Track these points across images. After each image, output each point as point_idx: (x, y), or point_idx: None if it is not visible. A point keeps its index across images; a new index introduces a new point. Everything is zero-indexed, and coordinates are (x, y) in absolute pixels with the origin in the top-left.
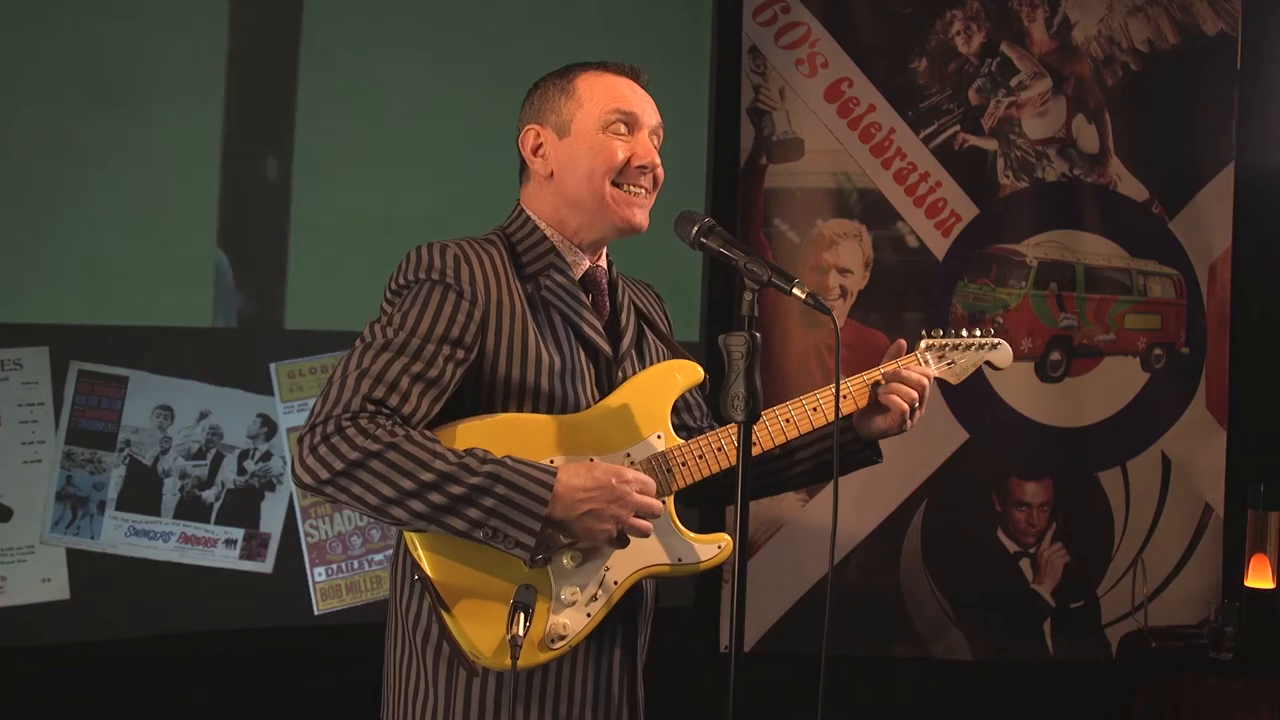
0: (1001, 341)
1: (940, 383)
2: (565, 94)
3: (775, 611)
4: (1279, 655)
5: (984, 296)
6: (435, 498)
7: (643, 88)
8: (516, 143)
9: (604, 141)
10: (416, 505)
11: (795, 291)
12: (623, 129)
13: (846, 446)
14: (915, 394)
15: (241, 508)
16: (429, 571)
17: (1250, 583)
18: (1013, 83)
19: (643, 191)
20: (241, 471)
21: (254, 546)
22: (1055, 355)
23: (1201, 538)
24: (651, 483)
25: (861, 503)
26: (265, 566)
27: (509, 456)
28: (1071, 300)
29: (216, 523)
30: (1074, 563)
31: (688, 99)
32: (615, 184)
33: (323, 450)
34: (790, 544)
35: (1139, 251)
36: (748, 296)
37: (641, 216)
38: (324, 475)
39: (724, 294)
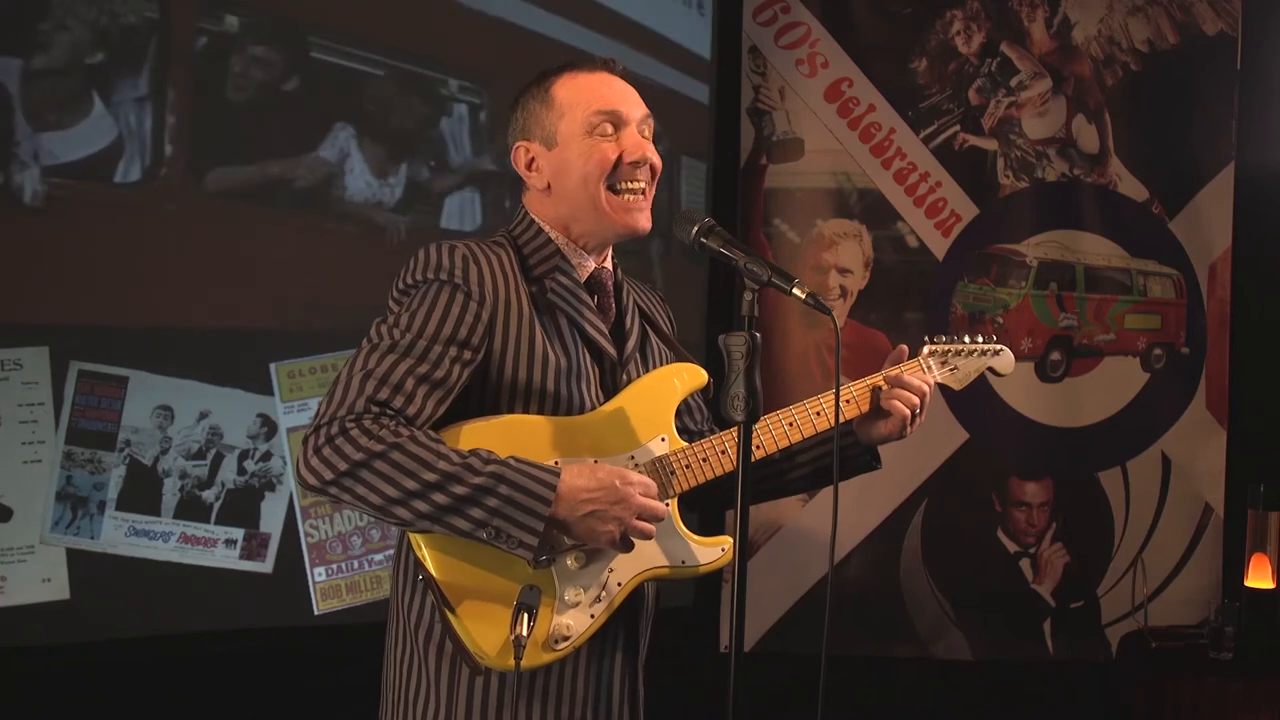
0: (1004, 348)
1: (942, 386)
2: (545, 105)
3: (775, 611)
4: (1279, 655)
5: (984, 296)
6: (439, 497)
7: (621, 78)
8: (509, 161)
9: (592, 145)
10: (420, 505)
11: (795, 291)
12: (609, 129)
13: (846, 451)
14: (916, 400)
15: (241, 508)
16: (433, 571)
17: (1250, 583)
18: (1013, 83)
19: (641, 186)
20: (241, 471)
21: (254, 546)
22: (1055, 355)
23: (1201, 538)
24: (654, 485)
25: (861, 503)
26: (265, 566)
27: (513, 457)
28: (1071, 300)
29: (216, 523)
30: (1074, 563)
31: (688, 99)
32: (611, 187)
33: (327, 451)
34: (790, 544)
35: (1139, 251)
36: (748, 296)
37: (642, 220)
38: (328, 476)
39: (724, 294)
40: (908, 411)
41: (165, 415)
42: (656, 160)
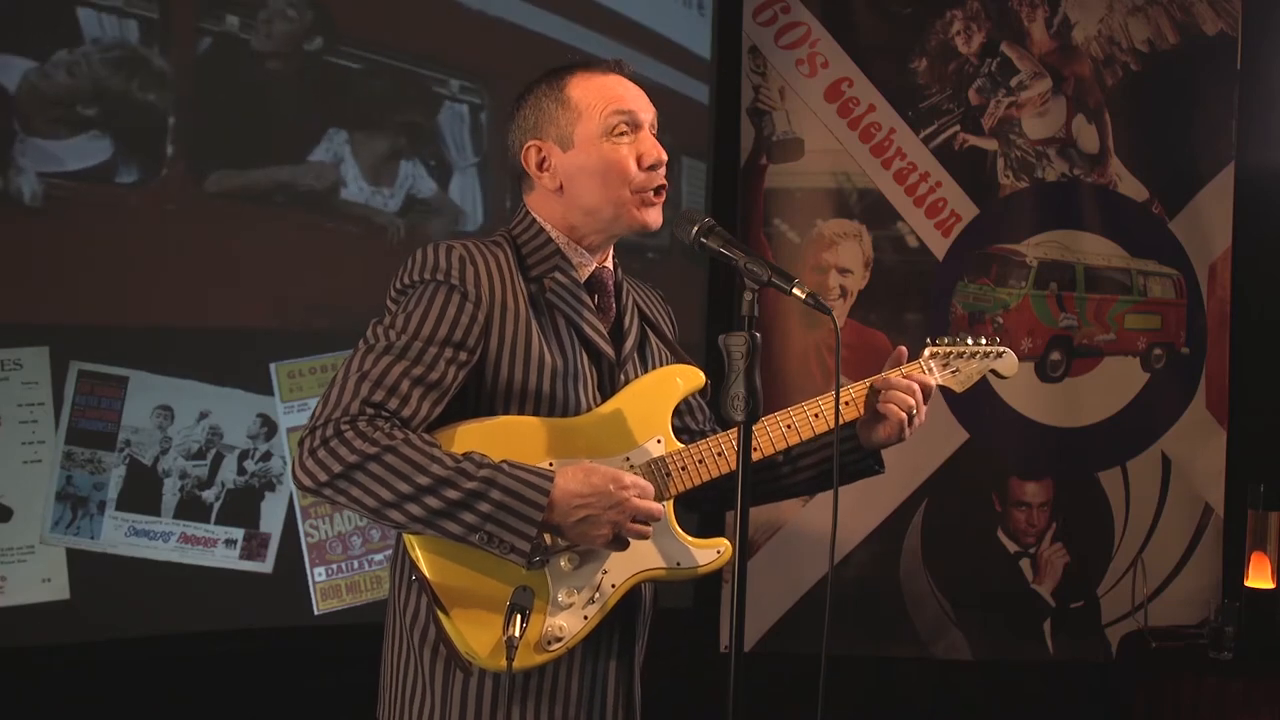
0: (1007, 350)
1: (943, 389)
2: (560, 104)
3: (775, 611)
4: (1279, 655)
5: (984, 296)
6: (431, 502)
7: (631, 80)
8: (518, 158)
9: (612, 150)
10: (413, 509)
11: (795, 291)
12: (625, 129)
13: (847, 456)
14: (910, 400)
15: (241, 508)
16: (426, 572)
17: (1250, 583)
18: (1013, 83)
19: (661, 183)
20: (241, 471)
21: (254, 546)
22: (1055, 355)
23: (1201, 538)
24: (650, 488)
25: (861, 503)
26: (265, 566)
27: (506, 461)
28: (1071, 300)
29: (216, 523)
30: (1074, 563)
31: (688, 99)
32: (632, 192)
33: (321, 454)
34: (790, 544)
35: (1139, 251)
36: (748, 296)
37: (656, 216)
38: (322, 478)
39: (724, 294)
40: (903, 414)
41: (165, 415)
42: (664, 153)
